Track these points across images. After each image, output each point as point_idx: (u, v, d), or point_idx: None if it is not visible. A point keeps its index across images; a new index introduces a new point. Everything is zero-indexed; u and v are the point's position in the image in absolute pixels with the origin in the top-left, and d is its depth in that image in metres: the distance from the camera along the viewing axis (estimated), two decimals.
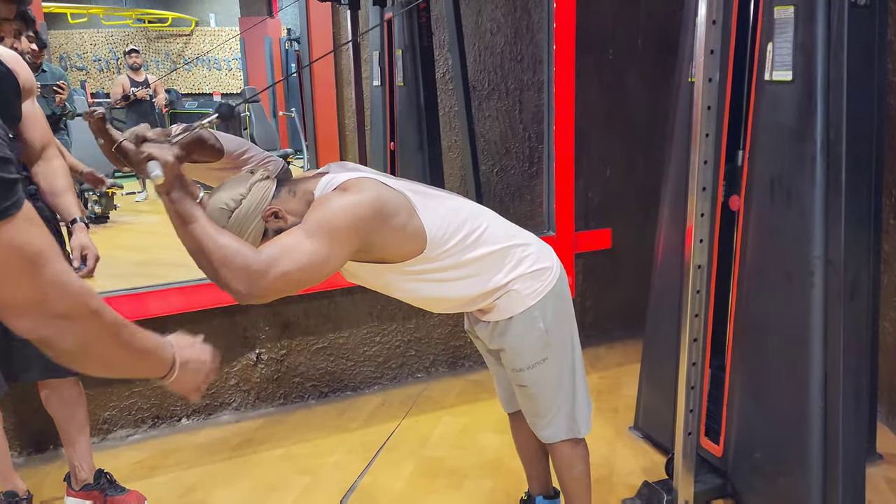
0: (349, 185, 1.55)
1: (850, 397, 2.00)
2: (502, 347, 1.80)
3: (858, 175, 1.93)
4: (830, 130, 1.93)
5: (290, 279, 1.42)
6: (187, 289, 2.86)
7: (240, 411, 3.09)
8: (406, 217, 1.58)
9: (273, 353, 3.13)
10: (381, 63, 4.37)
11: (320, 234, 1.45)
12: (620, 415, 2.99)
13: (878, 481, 2.48)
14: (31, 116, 2.13)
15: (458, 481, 2.56)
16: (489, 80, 3.96)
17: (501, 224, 1.77)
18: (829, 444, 2.03)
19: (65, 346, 0.96)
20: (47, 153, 2.18)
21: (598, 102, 3.62)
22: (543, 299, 1.74)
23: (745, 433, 2.28)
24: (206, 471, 2.67)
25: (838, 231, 1.94)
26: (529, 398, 1.86)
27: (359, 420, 3.04)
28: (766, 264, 2.14)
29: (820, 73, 1.93)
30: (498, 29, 3.90)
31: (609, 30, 3.59)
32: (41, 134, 2.15)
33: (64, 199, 2.19)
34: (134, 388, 2.91)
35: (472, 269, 1.69)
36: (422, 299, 1.76)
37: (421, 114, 4.01)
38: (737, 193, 2.24)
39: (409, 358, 3.40)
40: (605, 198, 3.71)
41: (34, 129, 2.14)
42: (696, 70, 2.00)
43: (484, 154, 3.99)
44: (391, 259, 1.61)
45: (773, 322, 2.13)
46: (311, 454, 2.77)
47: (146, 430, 2.95)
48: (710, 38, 1.98)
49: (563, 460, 1.93)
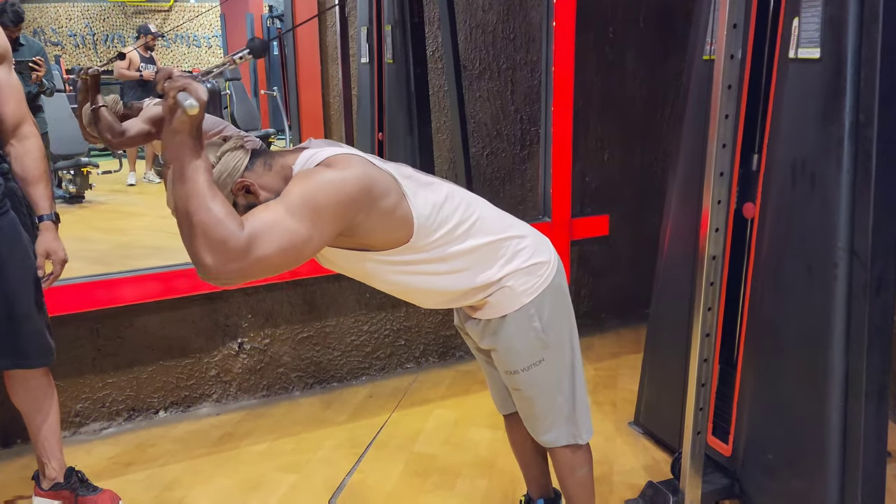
0: (334, 161, 1.39)
1: (873, 397, 1.88)
2: (495, 347, 1.66)
3: (891, 160, 1.80)
4: (861, 112, 1.80)
5: (268, 263, 1.26)
6: (166, 275, 2.70)
7: (220, 404, 2.94)
8: (395, 200, 1.43)
9: (256, 343, 2.97)
10: (369, 39, 4.19)
11: (302, 212, 1.29)
12: (619, 409, 2.88)
13: (888, 481, 2.38)
14: (3, 87, 1.96)
15: (450, 480, 2.42)
16: (480, 59, 3.80)
17: (496, 214, 1.62)
18: (849, 445, 1.92)
19: None
20: (22, 130, 2.00)
21: (596, 83, 3.49)
22: (540, 296, 1.60)
23: (757, 432, 2.16)
24: (184, 467, 2.52)
25: (866, 220, 1.82)
26: (526, 402, 1.72)
27: (346, 413, 2.90)
28: (785, 255, 2.02)
29: (851, 50, 1.80)
30: (490, 5, 3.74)
31: (609, 6, 3.45)
32: (14, 108, 1.97)
33: (35, 189, 2.02)
34: (108, 380, 2.74)
35: (462, 263, 1.54)
36: (406, 292, 1.61)
37: (411, 92, 3.85)
38: (752, 200, 2.11)
39: (398, 348, 3.26)
40: (603, 183, 3.58)
41: (6, 103, 1.96)
42: (717, 46, 1.86)
43: (474, 136, 3.84)
44: (374, 246, 1.46)
45: (792, 317, 2.01)
46: (297, 450, 2.63)
47: (121, 423, 2.79)
48: (733, 12, 1.84)
49: (564, 465, 1.80)
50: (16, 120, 1.98)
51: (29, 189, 2.01)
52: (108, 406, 2.77)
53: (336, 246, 1.47)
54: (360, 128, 4.43)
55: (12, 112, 1.97)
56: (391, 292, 1.65)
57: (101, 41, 15.20)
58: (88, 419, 2.74)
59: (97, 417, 2.75)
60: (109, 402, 2.77)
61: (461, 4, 3.68)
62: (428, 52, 3.88)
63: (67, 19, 14.50)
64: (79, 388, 2.71)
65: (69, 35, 14.64)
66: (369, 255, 1.50)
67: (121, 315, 2.70)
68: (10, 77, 1.98)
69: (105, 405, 2.76)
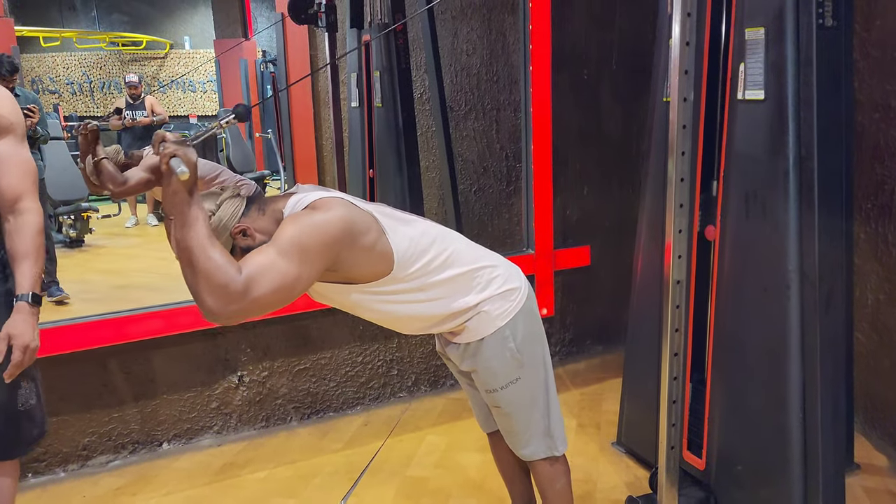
0: (319, 205, 1.56)
1: (828, 407, 2.03)
2: (475, 369, 1.81)
3: (831, 190, 1.98)
4: (802, 147, 1.99)
5: (264, 302, 1.42)
6: (167, 312, 2.84)
7: (221, 435, 3.06)
8: (374, 237, 1.60)
9: (254, 376, 3.11)
10: (359, 84, 4.40)
11: (291, 253, 1.45)
12: (603, 430, 3.01)
13: (856, 490, 2.52)
14: (3, 159, 1.84)
15: (442, 501, 2.55)
16: (466, 100, 4.01)
17: (469, 247, 1.79)
18: (809, 453, 2.06)
19: None
20: (20, 206, 1.85)
21: (574, 121, 3.68)
22: (513, 319, 1.76)
23: (726, 446, 2.30)
24: (187, 496, 2.64)
25: (812, 245, 1.99)
26: (505, 418, 1.87)
27: (342, 441, 3.03)
28: (744, 279, 2.18)
29: (791, 91, 1.99)
30: (474, 50, 3.95)
31: (584, 50, 3.66)
32: (14, 182, 1.84)
33: (20, 266, 1.83)
34: (113, 414, 2.87)
35: (440, 292, 1.70)
36: (390, 320, 1.77)
37: (399, 134, 4.03)
38: (712, 223, 2.28)
39: (391, 378, 3.40)
40: (583, 215, 3.76)
41: (4, 175, 1.84)
42: (671, 90, 2.05)
43: (462, 174, 4.02)
44: (359, 279, 1.62)
45: (752, 335, 2.17)
46: (294, 476, 2.75)
47: (126, 455, 2.91)
48: (683, 59, 2.03)
49: (544, 477, 1.94)
50: (14, 194, 1.84)
51: (14, 265, 1.85)
52: (113, 439, 2.89)
53: (324, 280, 1.63)
54: (352, 168, 4.62)
55: (11, 186, 1.84)
56: (377, 321, 1.81)
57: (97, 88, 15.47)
58: (95, 452, 2.86)
59: (104, 451, 2.87)
60: (115, 436, 2.89)
61: (446, 49, 3.89)
62: (416, 95, 4.09)
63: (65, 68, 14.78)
64: (86, 423, 2.83)
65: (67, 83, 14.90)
66: (354, 287, 1.66)
67: (126, 352, 2.84)
68: (15, 150, 1.87)
69: (111, 438, 2.88)
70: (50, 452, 2.78)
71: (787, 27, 1.97)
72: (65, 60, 14.58)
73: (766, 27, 2.02)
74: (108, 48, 14.29)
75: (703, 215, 2.33)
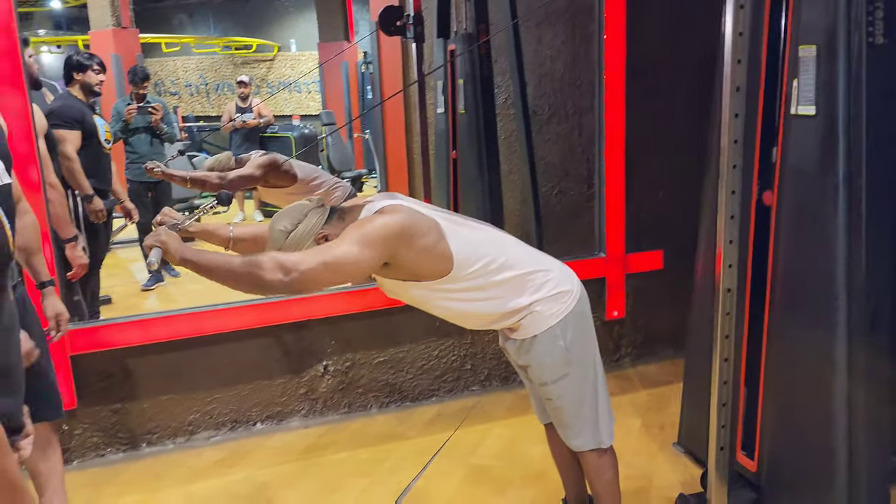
0: (386, 210, 1.79)
1: (872, 422, 2.08)
2: (529, 364, 1.98)
3: (880, 206, 2.02)
4: (852, 163, 2.03)
5: (321, 270, 1.67)
6: (263, 306, 3.14)
7: (308, 418, 3.36)
8: (435, 239, 1.80)
9: (338, 366, 3.38)
10: (444, 92, 4.62)
11: (353, 239, 1.71)
12: (665, 431, 3.10)
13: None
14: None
15: (502, 489, 2.73)
16: (549, 104, 4.14)
17: (525, 251, 1.96)
18: (854, 468, 2.10)
19: None
20: (21, 206, 2.07)
21: (649, 129, 3.74)
22: (564, 320, 1.92)
23: (776, 451, 2.37)
24: (276, 471, 2.94)
25: (860, 261, 2.04)
26: (556, 410, 2.03)
27: (416, 429, 3.26)
28: (795, 290, 2.24)
29: (841, 108, 2.03)
30: (557, 55, 4.08)
31: (660, 60, 3.71)
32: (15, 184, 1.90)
33: (37, 258, 2.16)
34: (215, 395, 3.21)
35: (496, 292, 1.88)
36: (452, 315, 1.97)
37: (481, 139, 4.21)
38: (770, 189, 2.33)
39: (464, 372, 3.60)
40: (658, 221, 3.82)
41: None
42: (722, 107, 2.14)
43: (544, 176, 4.16)
44: (422, 277, 1.83)
45: (801, 348, 2.23)
46: (371, 459, 3.00)
47: (225, 432, 3.25)
48: (735, 76, 2.12)
49: (592, 468, 2.09)
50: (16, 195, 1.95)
51: (31, 259, 2.14)
52: (215, 418, 3.23)
53: (392, 278, 1.85)
54: (437, 170, 4.84)
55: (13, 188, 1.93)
56: (441, 316, 2.02)
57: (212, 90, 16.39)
58: (199, 428, 3.21)
59: (206, 427, 3.22)
60: (216, 415, 3.23)
61: (530, 55, 4.03)
62: (501, 101, 4.26)
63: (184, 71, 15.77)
64: (191, 402, 3.19)
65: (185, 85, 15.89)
66: (419, 284, 1.87)
67: (227, 340, 3.17)
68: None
69: (212, 417, 3.23)
70: (161, 427, 3.15)
71: (838, 45, 2.02)
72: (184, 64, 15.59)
73: (818, 45, 2.07)
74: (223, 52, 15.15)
75: (762, 182, 2.38)
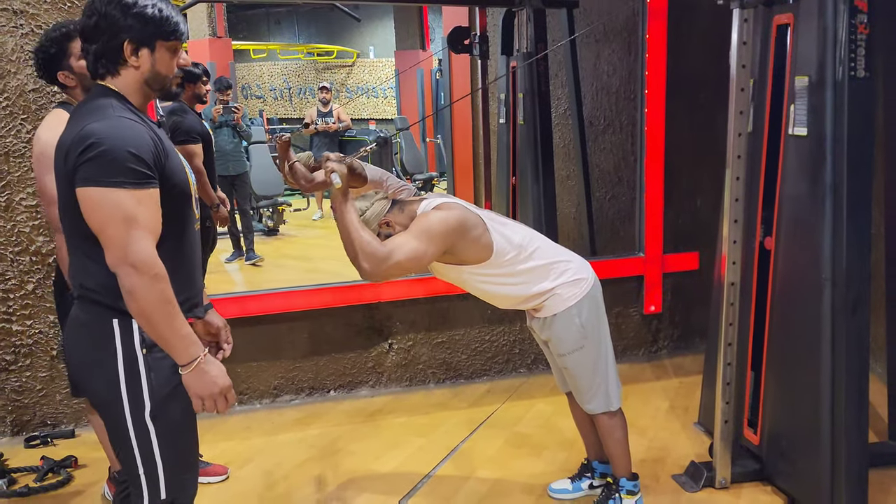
0: (442, 206, 2.25)
1: (852, 394, 2.42)
2: (550, 338, 2.42)
3: (858, 212, 2.37)
4: (836, 176, 2.38)
5: (400, 265, 2.12)
6: (338, 289, 3.67)
7: (374, 388, 3.87)
8: (481, 232, 2.25)
9: (402, 344, 3.87)
10: (505, 104, 5.06)
11: (420, 236, 2.16)
12: (689, 413, 3.46)
13: None
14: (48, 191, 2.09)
15: (538, 451, 3.16)
16: (605, 116, 4.54)
17: (551, 246, 2.39)
18: (836, 432, 2.44)
19: (131, 298, 1.48)
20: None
21: (689, 140, 4.09)
22: (579, 302, 2.34)
23: (775, 425, 2.72)
24: (346, 429, 3.45)
25: (841, 256, 2.38)
26: (572, 378, 2.46)
27: (467, 402, 3.72)
28: (789, 285, 2.60)
29: (828, 130, 2.39)
30: (614, 71, 4.47)
31: (701, 76, 4.06)
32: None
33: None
34: (296, 364, 3.75)
35: (525, 278, 2.32)
36: (489, 296, 2.42)
37: (537, 149, 4.61)
38: (770, 235, 2.70)
39: (513, 355, 4.04)
40: (695, 225, 4.16)
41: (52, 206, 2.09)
42: (729, 127, 2.53)
43: (598, 182, 4.54)
44: (467, 262, 2.29)
45: (795, 333, 2.59)
46: (426, 424, 3.48)
47: (304, 396, 3.79)
48: (739, 102, 2.52)
49: (604, 428, 2.50)
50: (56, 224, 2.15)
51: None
52: (296, 384, 3.77)
53: (444, 262, 2.32)
54: (499, 176, 5.29)
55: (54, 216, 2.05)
56: (479, 296, 2.47)
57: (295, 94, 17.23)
58: (282, 392, 3.76)
59: (287, 391, 3.77)
60: (297, 381, 3.77)
61: (589, 69, 4.42)
62: (560, 112, 4.66)
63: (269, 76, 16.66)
64: (276, 369, 3.74)
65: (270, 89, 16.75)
66: (464, 268, 2.33)
67: (307, 318, 3.70)
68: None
69: (293, 383, 3.77)
70: (251, 389, 3.71)
71: (826, 77, 2.38)
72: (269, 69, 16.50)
73: (809, 76, 2.43)
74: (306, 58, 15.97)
75: (765, 228, 2.74)
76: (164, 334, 1.54)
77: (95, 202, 1.48)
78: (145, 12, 1.56)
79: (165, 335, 1.54)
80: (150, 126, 1.60)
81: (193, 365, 1.57)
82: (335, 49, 15.18)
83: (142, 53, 1.58)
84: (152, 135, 1.56)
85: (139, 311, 1.52)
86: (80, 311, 1.64)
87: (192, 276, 1.71)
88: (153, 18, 1.57)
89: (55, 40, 2.28)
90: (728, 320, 2.66)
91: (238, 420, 3.57)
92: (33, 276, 3.27)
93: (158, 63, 1.61)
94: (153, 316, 1.52)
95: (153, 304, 1.50)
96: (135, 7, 1.55)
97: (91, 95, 1.62)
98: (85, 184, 1.48)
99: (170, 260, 1.56)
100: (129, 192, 1.48)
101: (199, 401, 1.61)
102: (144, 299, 1.50)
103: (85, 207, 1.50)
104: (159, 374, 1.60)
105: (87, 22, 1.57)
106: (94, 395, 1.68)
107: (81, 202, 1.50)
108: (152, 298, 1.50)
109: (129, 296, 1.50)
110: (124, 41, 1.56)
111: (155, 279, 1.50)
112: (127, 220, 1.48)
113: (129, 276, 1.49)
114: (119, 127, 1.51)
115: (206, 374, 1.59)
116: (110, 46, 1.56)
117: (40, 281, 3.27)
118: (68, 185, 1.52)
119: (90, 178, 1.48)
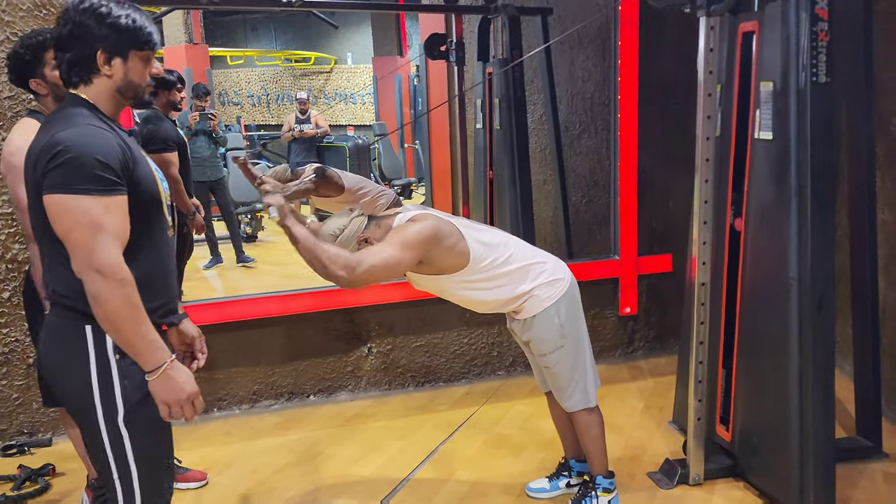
0: (416, 218, 2.29)
1: (819, 389, 2.49)
2: (530, 339, 2.46)
3: (823, 214, 2.44)
4: (800, 179, 2.46)
5: (374, 270, 2.15)
6: (318, 293, 3.68)
7: (353, 392, 3.89)
8: (456, 240, 2.29)
9: (381, 348, 3.90)
10: (482, 109, 5.11)
11: (395, 245, 2.20)
12: (664, 412, 3.52)
13: (876, 475, 2.89)
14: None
15: (517, 452, 3.20)
16: (580, 121, 4.60)
17: (526, 248, 2.44)
18: (805, 426, 2.51)
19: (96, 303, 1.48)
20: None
21: (661, 145, 4.17)
22: (557, 302, 2.39)
23: (746, 421, 2.79)
24: (326, 433, 3.47)
25: (806, 257, 2.46)
26: (552, 376, 2.50)
27: (446, 405, 3.75)
28: (758, 284, 2.67)
29: (792, 134, 2.46)
30: (589, 77, 4.53)
31: (673, 83, 4.13)
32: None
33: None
34: (275, 369, 3.76)
35: (504, 281, 2.37)
36: (469, 302, 2.46)
37: (514, 154, 4.66)
38: (740, 216, 2.77)
39: (492, 358, 4.08)
40: (668, 227, 4.24)
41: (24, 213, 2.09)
42: (697, 131, 2.60)
43: (575, 186, 4.60)
44: (445, 270, 2.32)
45: (764, 332, 2.66)
46: (406, 427, 3.51)
47: (283, 401, 3.80)
48: (707, 107, 2.58)
49: (582, 425, 2.55)
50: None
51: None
52: (275, 389, 3.79)
53: (421, 273, 2.35)
54: (476, 180, 5.33)
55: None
56: (459, 303, 2.51)
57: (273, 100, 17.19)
58: (261, 397, 3.77)
59: (267, 396, 3.78)
60: (276, 386, 3.79)
61: (564, 75, 4.49)
62: (536, 117, 4.72)
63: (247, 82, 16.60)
64: (256, 374, 3.75)
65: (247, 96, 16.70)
66: (442, 276, 2.37)
67: (286, 322, 3.72)
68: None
69: (273, 388, 3.78)
70: (230, 394, 3.72)
71: (790, 82, 2.45)
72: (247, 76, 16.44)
73: (774, 82, 2.51)
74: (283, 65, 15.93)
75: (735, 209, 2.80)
76: (130, 340, 1.55)
77: (62, 208, 1.50)
78: (119, 22, 1.58)
79: (131, 340, 1.55)
80: (119, 134, 1.62)
81: (160, 371, 1.57)
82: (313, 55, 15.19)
83: (115, 63, 1.60)
84: (121, 142, 1.58)
85: (104, 317, 1.53)
86: (53, 316, 1.65)
87: (166, 282, 1.73)
88: (127, 28, 1.59)
89: (31, 47, 2.30)
90: (699, 319, 2.72)
91: (217, 425, 3.57)
92: (9, 284, 3.26)
93: (131, 72, 1.63)
94: (118, 321, 1.53)
95: (118, 309, 1.51)
96: (109, 17, 1.57)
97: (62, 105, 1.64)
98: (52, 191, 1.50)
99: (143, 266, 1.59)
100: (96, 198, 1.49)
101: (166, 407, 1.60)
102: (110, 304, 1.51)
103: (51, 214, 1.51)
104: (132, 380, 1.61)
105: (61, 31, 1.60)
106: (68, 400, 1.69)
107: (48, 208, 1.51)
108: (118, 303, 1.51)
109: (94, 301, 1.51)
110: (98, 50, 1.58)
111: (120, 284, 1.51)
112: (93, 226, 1.49)
113: (95, 282, 1.50)
114: (87, 134, 1.53)
115: (173, 380, 1.59)
116: (84, 55, 1.58)
117: (16, 289, 3.26)
118: (38, 193, 1.54)
119: (57, 184, 1.49)
